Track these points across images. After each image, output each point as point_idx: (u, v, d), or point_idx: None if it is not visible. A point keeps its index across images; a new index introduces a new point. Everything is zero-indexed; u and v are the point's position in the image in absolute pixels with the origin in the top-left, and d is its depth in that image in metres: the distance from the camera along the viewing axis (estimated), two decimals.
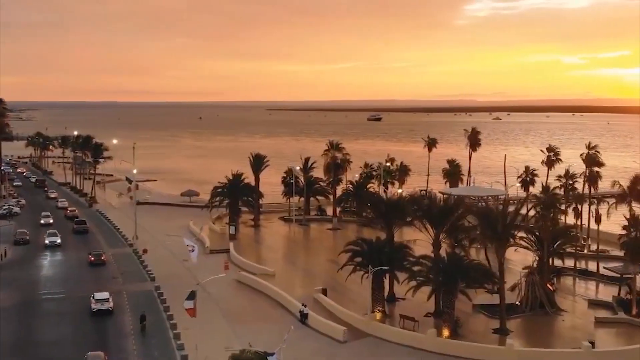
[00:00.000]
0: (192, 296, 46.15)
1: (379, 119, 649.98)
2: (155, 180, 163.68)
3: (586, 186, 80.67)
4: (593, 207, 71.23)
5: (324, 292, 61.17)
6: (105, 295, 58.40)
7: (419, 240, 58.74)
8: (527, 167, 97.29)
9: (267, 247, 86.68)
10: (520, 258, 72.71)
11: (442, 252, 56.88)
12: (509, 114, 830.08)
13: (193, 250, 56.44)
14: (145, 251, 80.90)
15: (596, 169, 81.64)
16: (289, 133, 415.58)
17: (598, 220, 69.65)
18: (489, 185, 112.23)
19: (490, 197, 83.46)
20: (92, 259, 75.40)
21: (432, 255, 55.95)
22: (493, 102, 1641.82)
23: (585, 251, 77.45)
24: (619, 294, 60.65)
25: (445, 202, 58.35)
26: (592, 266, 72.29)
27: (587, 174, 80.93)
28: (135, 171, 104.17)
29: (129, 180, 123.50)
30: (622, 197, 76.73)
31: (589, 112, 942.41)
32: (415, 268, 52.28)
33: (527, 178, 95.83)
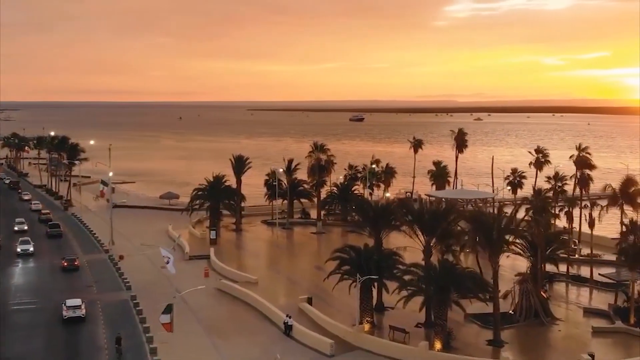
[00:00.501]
0: (168, 310, 43.23)
1: (361, 120, 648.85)
2: (134, 182, 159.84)
3: (577, 189, 78.41)
4: (586, 211, 69.04)
5: (310, 301, 58.37)
6: (77, 302, 55.52)
7: (409, 247, 56.08)
8: (514, 169, 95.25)
9: (250, 252, 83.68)
10: (510, 263, 70.64)
11: (434, 259, 54.41)
12: (489, 115, 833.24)
13: (168, 262, 52.95)
14: (121, 257, 77.60)
15: (587, 171, 79.63)
16: (271, 133, 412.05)
17: (592, 225, 67.61)
18: (476, 187, 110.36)
19: (479, 200, 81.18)
20: (65, 264, 72.37)
21: (423, 263, 53.45)
22: (473, 103, 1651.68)
23: (577, 256, 75.50)
24: (615, 301, 58.61)
25: (436, 206, 55.61)
26: (585, 271, 70.29)
27: (579, 177, 78.85)
28: (111, 174, 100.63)
29: (104, 183, 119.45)
30: (614, 200, 74.95)
31: (569, 113, 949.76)
32: (406, 277, 49.64)
33: (515, 180, 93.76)
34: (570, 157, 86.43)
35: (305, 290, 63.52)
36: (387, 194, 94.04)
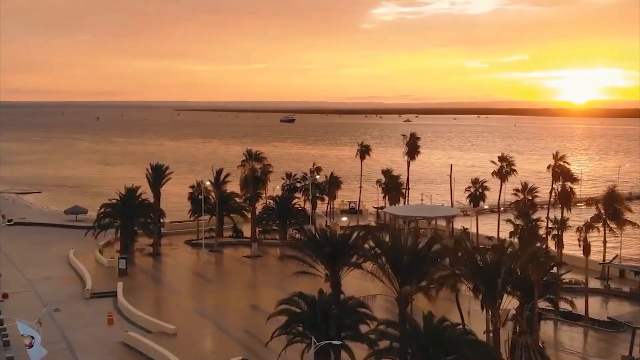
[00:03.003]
0: None
1: (292, 121, 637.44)
2: (39, 192, 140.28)
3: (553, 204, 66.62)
4: (574, 232, 57.67)
5: None
6: None
7: (378, 293, 42.38)
8: (475, 179, 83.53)
9: (168, 286, 67.90)
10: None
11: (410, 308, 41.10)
12: (417, 116, 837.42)
13: (32, 346, 36.62)
14: (5, 296, 60.94)
15: (569, 184, 68.03)
16: (198, 135, 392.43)
17: (587, 250, 56.15)
18: (437, 202, 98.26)
19: (443, 218, 68.92)
20: None
21: (398, 314, 40.08)
22: (400, 105, 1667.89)
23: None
24: (630, 352, 47.06)
25: (414, 241, 41.94)
26: (578, 304, 58.75)
27: (559, 191, 67.03)
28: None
29: None
30: (597, 218, 64.36)
31: (493, 115, 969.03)
32: (381, 342, 36.03)
33: (477, 192, 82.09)
34: (548, 167, 75.50)
35: (240, 345, 49.09)
36: (344, 219, 79.71)
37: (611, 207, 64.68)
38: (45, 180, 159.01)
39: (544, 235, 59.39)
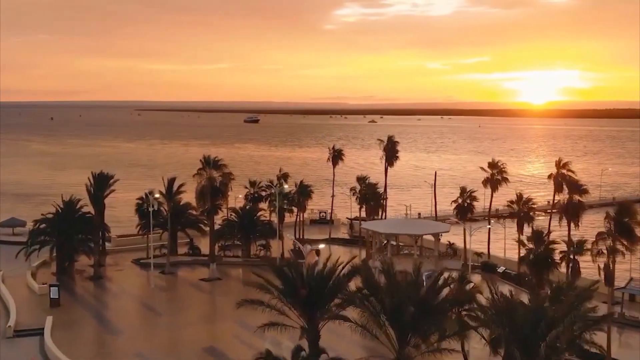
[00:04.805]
0: None
1: (256, 121, 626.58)
2: None
3: (561, 221, 57.55)
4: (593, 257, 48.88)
5: None
6: None
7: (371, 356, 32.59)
8: (463, 188, 74.59)
9: (108, 321, 56.24)
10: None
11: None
12: (382, 117, 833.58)
13: None
14: None
15: (577, 197, 59.09)
16: (158, 136, 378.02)
17: (610, 281, 47.19)
18: (408, 209, 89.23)
19: (433, 236, 59.69)
20: None
21: None
22: (364, 105, 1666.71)
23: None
24: None
25: (416, 280, 32.14)
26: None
27: (565, 204, 58.06)
28: None
29: None
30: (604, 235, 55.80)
31: (456, 115, 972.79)
32: None
33: (465, 203, 73.14)
34: (549, 176, 66.99)
35: None
36: (321, 246, 69.56)
37: (621, 222, 56.31)
38: None
39: (558, 260, 50.42)
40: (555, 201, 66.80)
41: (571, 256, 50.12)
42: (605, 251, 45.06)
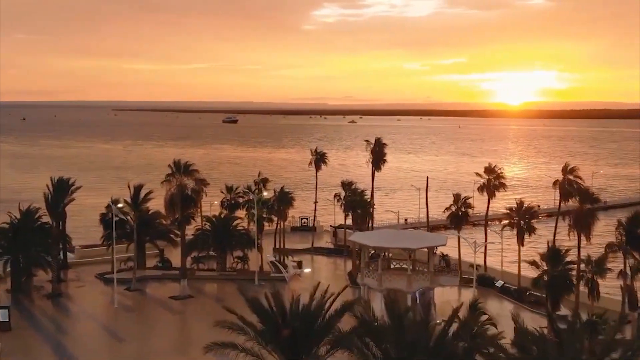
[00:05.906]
0: None
1: (235, 121, 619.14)
2: None
3: (572, 234, 51.84)
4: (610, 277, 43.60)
5: None
6: None
7: None
8: (457, 195, 69.03)
9: (65, 348, 49.61)
10: None
11: None
12: (361, 117, 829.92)
13: None
14: None
15: (588, 205, 53.39)
16: (134, 136, 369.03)
17: (635, 304, 41.93)
18: (396, 216, 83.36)
19: (428, 249, 53.84)
20: None
21: None
22: (343, 106, 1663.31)
23: None
24: None
25: (427, 316, 26.20)
26: None
27: (575, 214, 52.15)
28: None
29: None
30: (615, 247, 50.66)
31: (435, 116, 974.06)
32: None
33: (460, 211, 67.53)
34: (555, 182, 61.65)
35: None
36: (307, 270, 63.10)
37: (633, 233, 51.14)
38: None
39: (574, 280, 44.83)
40: (560, 209, 61.47)
41: (589, 275, 44.57)
42: (629, 271, 39.49)
